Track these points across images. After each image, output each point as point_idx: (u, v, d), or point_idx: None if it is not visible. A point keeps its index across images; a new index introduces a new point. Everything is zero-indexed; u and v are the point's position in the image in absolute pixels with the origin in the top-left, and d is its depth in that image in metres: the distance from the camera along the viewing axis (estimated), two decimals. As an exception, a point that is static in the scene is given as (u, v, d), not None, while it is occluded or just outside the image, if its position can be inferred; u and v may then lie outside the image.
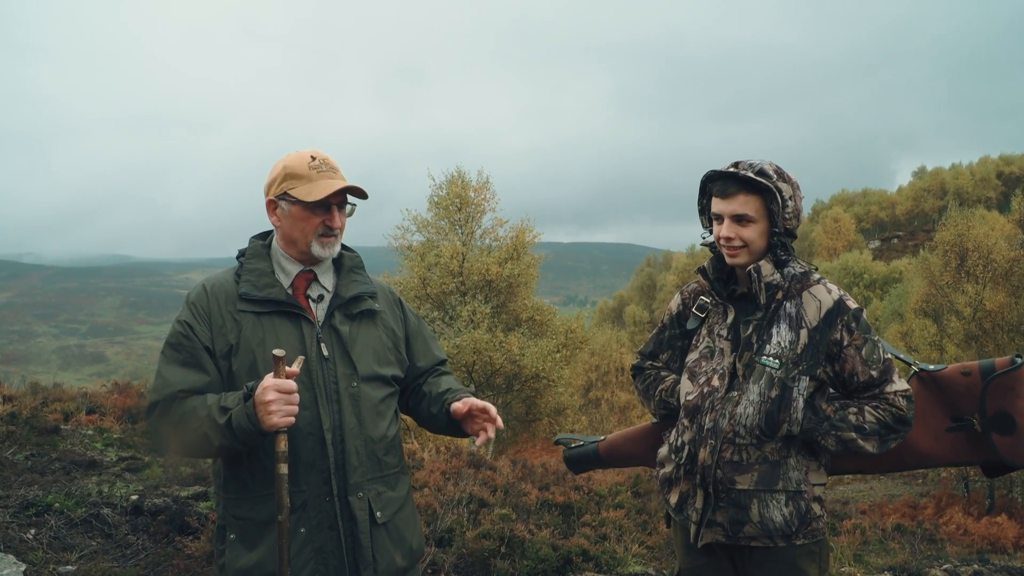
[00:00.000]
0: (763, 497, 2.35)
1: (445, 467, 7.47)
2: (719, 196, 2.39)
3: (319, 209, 2.21)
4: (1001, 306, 22.91)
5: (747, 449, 2.35)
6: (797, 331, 2.36)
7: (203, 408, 2.03)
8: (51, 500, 4.82)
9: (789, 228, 2.39)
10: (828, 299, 2.39)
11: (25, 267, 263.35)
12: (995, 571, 6.04)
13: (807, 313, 2.38)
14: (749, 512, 2.36)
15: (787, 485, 2.36)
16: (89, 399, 8.95)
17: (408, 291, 22.84)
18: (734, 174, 2.35)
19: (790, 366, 2.34)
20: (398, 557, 2.24)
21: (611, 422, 31.94)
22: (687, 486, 2.48)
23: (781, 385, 2.33)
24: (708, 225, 2.54)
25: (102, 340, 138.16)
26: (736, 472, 2.36)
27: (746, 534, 2.38)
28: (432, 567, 4.72)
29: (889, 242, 79.47)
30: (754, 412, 2.34)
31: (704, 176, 2.47)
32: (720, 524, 2.40)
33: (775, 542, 2.37)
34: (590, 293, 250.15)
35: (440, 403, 2.37)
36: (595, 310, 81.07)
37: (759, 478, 2.35)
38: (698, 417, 2.43)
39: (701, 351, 2.52)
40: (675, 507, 2.53)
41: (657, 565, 5.68)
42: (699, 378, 2.47)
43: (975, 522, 16.63)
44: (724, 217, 2.38)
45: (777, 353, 2.35)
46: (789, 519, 2.36)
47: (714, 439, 2.37)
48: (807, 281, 2.44)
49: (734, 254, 2.40)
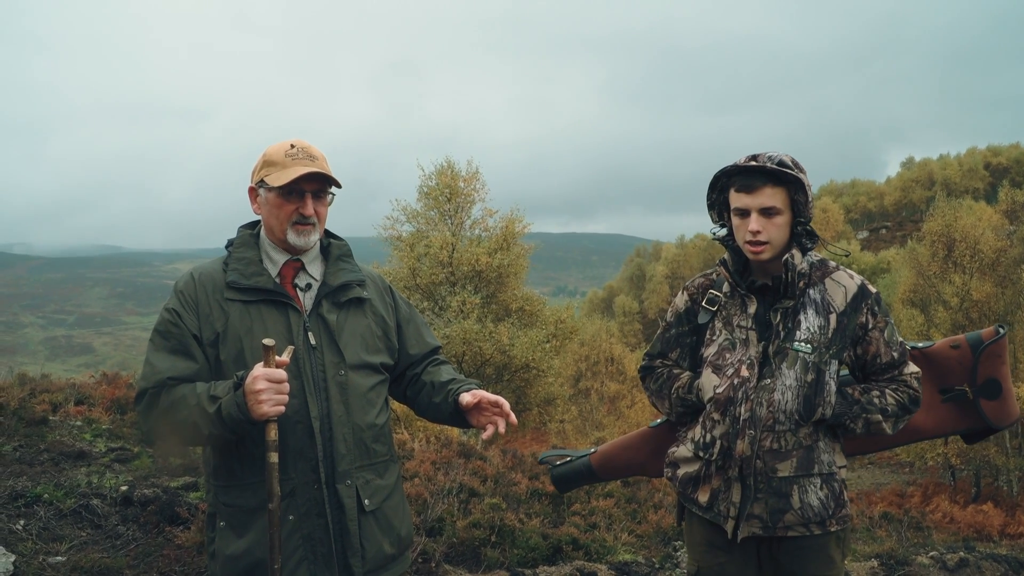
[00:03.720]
0: (802, 483, 2.38)
1: (435, 457, 7.48)
2: (743, 191, 2.37)
3: (292, 196, 2.21)
4: (988, 296, 23.09)
5: (785, 436, 2.37)
6: (826, 316, 2.40)
7: (192, 396, 2.03)
8: (40, 491, 4.81)
9: (810, 217, 2.42)
10: (852, 284, 2.44)
11: (13, 258, 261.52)
12: (981, 558, 6.10)
13: (834, 299, 2.42)
14: (790, 500, 2.38)
15: (821, 468, 2.40)
16: (77, 390, 8.91)
17: (398, 281, 22.79)
18: (760, 167, 2.34)
19: (822, 350, 2.38)
20: (386, 545, 2.24)
21: (600, 412, 32.04)
22: (719, 482, 2.45)
23: (815, 369, 2.37)
24: (718, 220, 2.54)
25: (89, 331, 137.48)
26: (776, 460, 2.37)
27: (785, 523, 2.39)
28: (422, 556, 4.73)
29: (877, 232, 79.85)
30: (792, 397, 2.36)
31: (720, 172, 2.45)
32: (758, 516, 2.40)
33: (811, 530, 2.40)
34: (580, 283, 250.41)
35: (444, 392, 2.37)
36: (585, 300, 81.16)
37: (798, 464, 2.38)
38: (731, 409, 2.40)
39: (720, 344, 2.49)
40: (705, 505, 2.49)
41: (646, 554, 5.71)
42: (726, 370, 2.44)
43: (961, 510, 16.79)
44: (751, 211, 2.36)
45: (808, 338, 2.38)
46: (825, 502, 2.40)
47: (753, 428, 2.36)
48: (826, 268, 2.48)
49: (760, 250, 2.38)
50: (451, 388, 2.36)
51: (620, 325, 56.09)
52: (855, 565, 5.72)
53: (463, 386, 2.35)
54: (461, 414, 2.33)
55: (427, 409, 2.44)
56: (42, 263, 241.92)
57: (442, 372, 2.46)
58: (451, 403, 2.33)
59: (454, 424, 2.41)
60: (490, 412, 2.29)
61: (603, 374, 35.85)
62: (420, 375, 2.47)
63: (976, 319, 23.04)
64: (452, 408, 2.34)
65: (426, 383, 2.43)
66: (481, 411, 2.29)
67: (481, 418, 2.30)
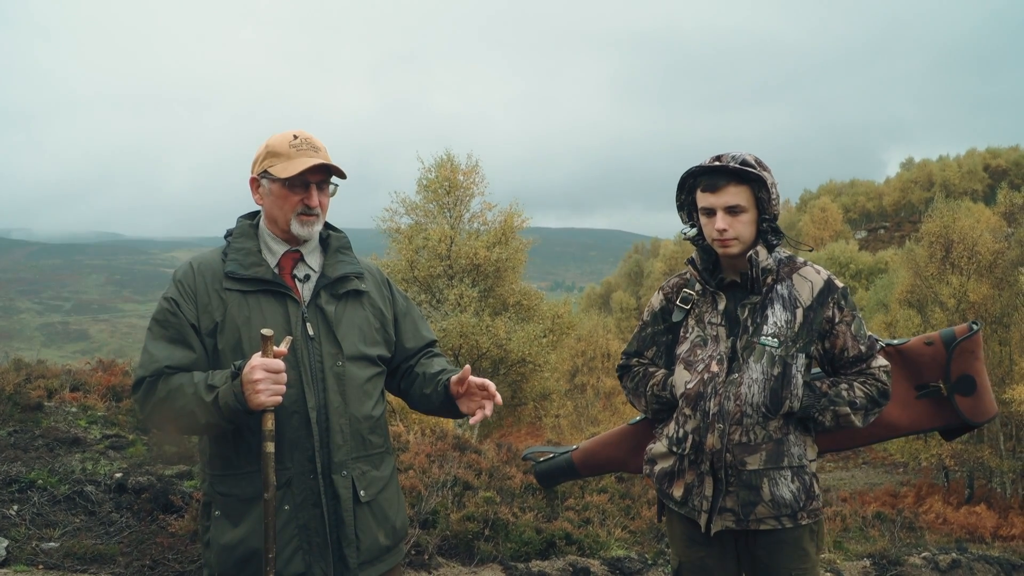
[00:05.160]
0: (772, 475, 2.42)
1: (430, 449, 7.48)
2: (708, 191, 2.43)
3: (297, 187, 2.21)
4: (985, 298, 23.12)
5: (754, 429, 2.41)
6: (792, 311, 2.45)
7: (190, 385, 2.03)
8: (34, 477, 4.81)
9: (776, 214, 2.46)
10: (818, 279, 2.49)
11: (12, 243, 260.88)
12: (973, 559, 6.13)
13: (800, 294, 2.47)
14: (760, 492, 2.42)
15: (791, 461, 2.44)
16: (73, 376, 8.89)
17: (396, 274, 22.78)
18: (723, 167, 2.40)
19: (788, 344, 2.42)
20: (381, 536, 2.25)
21: (596, 407, 32.08)
22: (692, 476, 2.49)
23: (782, 363, 2.41)
24: (688, 220, 2.60)
25: (86, 317, 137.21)
26: (746, 453, 2.41)
27: (757, 516, 2.43)
28: (416, 548, 4.74)
29: (876, 233, 79.87)
30: (759, 390, 2.40)
31: (686, 173, 2.51)
32: (730, 510, 2.44)
33: (782, 523, 2.44)
34: (578, 279, 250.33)
35: (434, 383, 2.37)
36: (582, 296, 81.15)
37: (767, 456, 2.42)
38: (701, 403, 2.45)
39: (693, 341, 2.55)
40: (680, 500, 2.54)
41: (639, 549, 5.73)
42: (696, 366, 2.50)
43: (954, 511, 16.86)
44: (716, 210, 2.42)
45: (775, 333, 2.43)
46: (797, 494, 2.44)
47: (722, 422, 2.41)
48: (794, 264, 2.53)
49: (728, 245, 2.44)
50: (440, 378, 2.37)
51: (617, 321, 56.10)
52: (847, 564, 5.74)
53: (452, 374, 2.35)
54: (452, 401, 2.33)
55: (419, 401, 2.44)
56: (39, 249, 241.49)
57: (434, 364, 2.46)
58: (441, 391, 2.34)
59: (446, 414, 2.41)
60: (478, 397, 2.29)
61: (599, 369, 35.90)
62: (413, 367, 2.48)
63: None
64: (443, 396, 2.34)
65: (418, 375, 2.44)
66: (471, 396, 2.30)
67: (471, 404, 2.30)
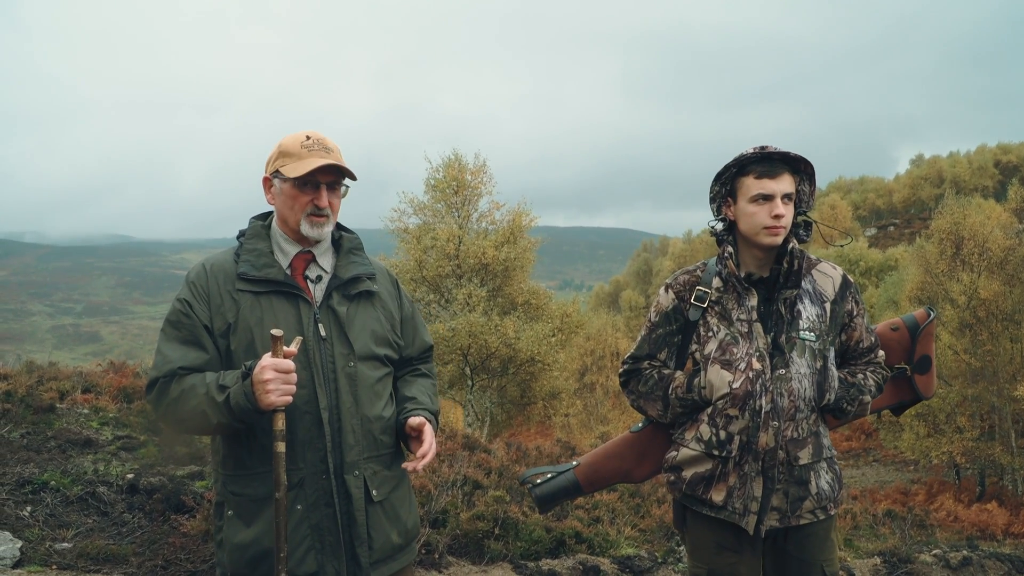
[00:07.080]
0: (816, 468, 2.45)
1: (440, 449, 7.49)
2: (767, 176, 2.39)
3: (307, 187, 2.22)
4: (995, 295, 22.96)
5: (802, 424, 2.42)
6: (821, 305, 2.48)
7: (202, 386, 2.05)
8: (47, 478, 4.84)
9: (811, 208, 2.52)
10: (836, 274, 2.54)
11: (24, 246, 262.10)
12: (984, 557, 6.10)
13: (824, 288, 2.50)
14: (809, 486, 2.43)
15: (826, 452, 2.49)
16: (85, 378, 8.94)
17: (404, 274, 22.80)
18: (783, 153, 2.41)
19: (824, 337, 2.45)
20: (393, 535, 2.26)
21: (606, 406, 32.03)
22: (735, 478, 2.42)
23: (822, 356, 2.44)
24: (718, 215, 2.56)
25: (97, 320, 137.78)
26: (797, 448, 2.42)
27: (804, 510, 2.44)
28: (426, 547, 4.75)
29: (885, 230, 79.49)
30: (808, 385, 2.41)
31: (733, 161, 2.45)
32: (776, 508, 2.42)
33: (817, 515, 2.46)
34: (586, 278, 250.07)
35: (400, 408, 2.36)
36: (591, 295, 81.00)
37: (813, 450, 2.44)
38: (751, 402, 2.39)
39: (722, 339, 2.47)
40: (720, 504, 2.45)
41: (649, 548, 5.73)
42: (736, 364, 2.43)
43: (965, 509, 16.79)
44: (775, 196, 2.39)
45: (809, 327, 2.44)
46: (832, 485, 2.48)
47: (776, 419, 2.38)
48: (810, 260, 2.56)
49: (778, 233, 2.41)
50: (405, 406, 2.34)
51: (626, 320, 55.97)
52: (858, 562, 5.72)
53: (416, 410, 2.32)
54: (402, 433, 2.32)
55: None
56: (51, 251, 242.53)
57: (412, 386, 2.43)
58: (401, 421, 2.32)
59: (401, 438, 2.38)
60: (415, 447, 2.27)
61: (608, 368, 35.83)
62: (398, 378, 2.47)
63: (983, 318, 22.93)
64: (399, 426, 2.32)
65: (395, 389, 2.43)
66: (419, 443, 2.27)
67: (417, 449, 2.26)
